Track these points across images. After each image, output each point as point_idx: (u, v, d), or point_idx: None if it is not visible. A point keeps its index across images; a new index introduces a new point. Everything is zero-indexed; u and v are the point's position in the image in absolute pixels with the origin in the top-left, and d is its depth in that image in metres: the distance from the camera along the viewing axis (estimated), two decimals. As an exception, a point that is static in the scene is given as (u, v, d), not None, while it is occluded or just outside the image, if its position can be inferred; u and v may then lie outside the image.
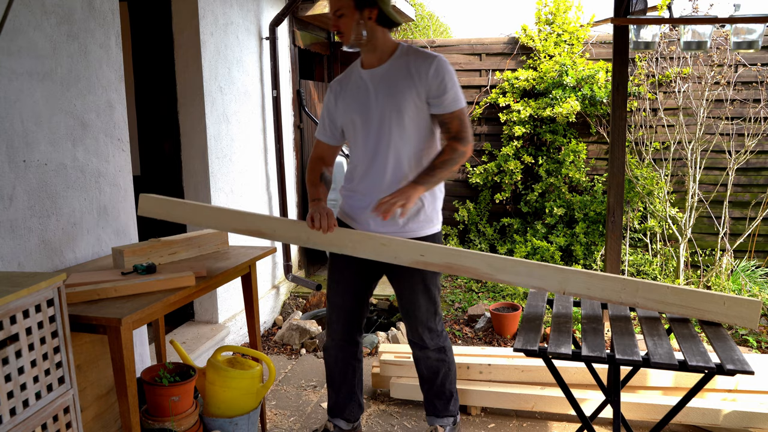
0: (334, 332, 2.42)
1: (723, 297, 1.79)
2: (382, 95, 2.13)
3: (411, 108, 2.11)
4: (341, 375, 2.46)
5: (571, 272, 1.88)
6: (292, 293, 4.49)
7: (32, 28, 2.08)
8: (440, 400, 2.44)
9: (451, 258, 1.97)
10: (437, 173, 2.06)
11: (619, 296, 1.85)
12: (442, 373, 2.40)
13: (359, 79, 2.21)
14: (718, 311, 1.79)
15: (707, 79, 4.36)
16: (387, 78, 2.14)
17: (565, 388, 1.90)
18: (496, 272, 1.93)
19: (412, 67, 2.10)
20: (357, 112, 2.19)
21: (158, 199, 2.26)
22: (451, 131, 2.12)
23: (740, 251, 4.54)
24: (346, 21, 2.08)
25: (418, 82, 2.09)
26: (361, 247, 2.07)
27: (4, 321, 1.40)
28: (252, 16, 3.90)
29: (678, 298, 1.82)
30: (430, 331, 2.33)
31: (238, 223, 2.19)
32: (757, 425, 2.48)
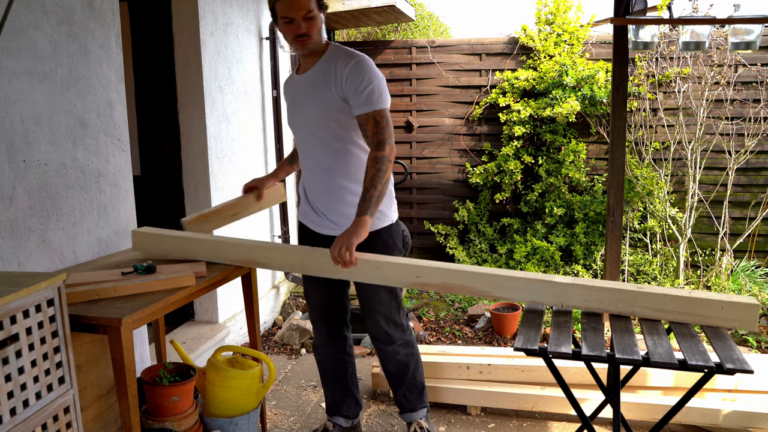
0: (318, 329, 2.45)
1: (721, 302, 1.79)
2: (311, 99, 2.14)
3: (336, 112, 2.10)
4: (333, 371, 2.47)
5: (569, 285, 1.89)
6: (292, 293, 4.49)
7: (32, 28, 2.08)
8: (413, 393, 2.43)
9: (447, 277, 1.97)
10: (373, 193, 2.01)
11: (617, 306, 1.87)
12: (412, 366, 2.40)
13: (295, 85, 2.24)
14: (717, 315, 1.80)
15: (707, 79, 4.36)
16: (314, 80, 2.13)
17: (565, 388, 1.90)
18: (493, 289, 1.94)
19: (332, 66, 2.09)
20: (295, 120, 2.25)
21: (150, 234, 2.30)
22: (368, 134, 2.08)
23: (740, 251, 4.54)
24: (312, 23, 2.05)
25: (335, 80, 2.07)
26: (356, 272, 2.07)
27: (4, 321, 1.40)
28: (252, 16, 3.90)
29: (676, 305, 1.83)
30: (395, 324, 2.32)
31: (232, 254, 2.21)
32: (757, 425, 2.49)
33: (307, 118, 2.17)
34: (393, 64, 5.28)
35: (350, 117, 2.12)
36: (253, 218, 3.94)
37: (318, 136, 2.17)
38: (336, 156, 2.17)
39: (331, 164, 2.18)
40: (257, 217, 4.01)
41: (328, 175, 2.20)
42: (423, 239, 5.32)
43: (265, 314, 4.02)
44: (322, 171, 2.21)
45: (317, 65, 2.14)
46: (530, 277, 1.91)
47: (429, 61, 5.16)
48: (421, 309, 4.13)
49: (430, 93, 5.19)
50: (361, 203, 2.03)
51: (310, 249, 2.17)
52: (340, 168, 2.18)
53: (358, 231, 1.98)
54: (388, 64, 5.30)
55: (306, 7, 2.01)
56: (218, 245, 2.22)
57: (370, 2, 4.46)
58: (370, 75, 2.07)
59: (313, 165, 2.24)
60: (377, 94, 2.07)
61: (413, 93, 5.25)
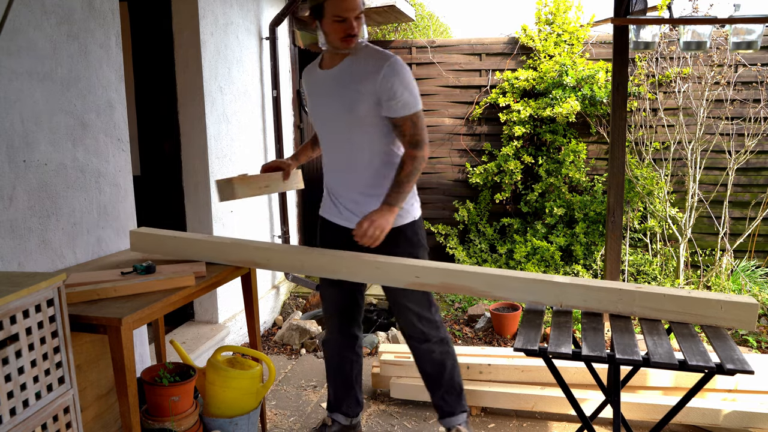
0: (331, 326, 2.44)
1: (720, 301, 1.79)
2: (338, 98, 2.12)
3: (363, 108, 2.08)
4: (338, 368, 2.47)
5: (568, 285, 1.89)
6: (292, 293, 4.49)
7: (32, 28, 2.08)
8: (451, 395, 2.36)
9: (447, 278, 1.97)
10: (405, 187, 2.07)
11: (616, 306, 1.87)
12: (449, 365, 2.33)
13: (318, 79, 2.21)
14: (716, 315, 1.80)
15: (707, 79, 4.36)
16: (341, 79, 2.11)
17: (565, 388, 1.90)
18: (493, 289, 1.93)
19: (364, 66, 2.07)
20: (317, 114, 2.23)
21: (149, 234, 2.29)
22: (405, 134, 2.09)
23: (740, 251, 4.54)
24: (361, 23, 2.05)
25: (368, 81, 2.05)
26: (356, 271, 2.07)
27: (4, 321, 1.40)
28: (252, 16, 3.90)
29: (675, 305, 1.83)
30: (428, 321, 2.29)
31: (232, 254, 2.21)
32: (757, 425, 2.48)
33: (330, 114, 2.16)
34: (393, 64, 5.27)
35: (376, 116, 2.10)
36: (253, 218, 3.94)
37: (340, 133, 2.16)
38: (358, 152, 2.16)
39: (352, 160, 2.17)
40: (257, 217, 4.02)
41: (349, 170, 2.19)
42: (423, 239, 5.31)
43: (265, 314, 4.02)
44: (343, 166, 2.21)
45: (345, 62, 2.11)
46: (530, 277, 1.91)
47: (429, 61, 5.16)
48: (421, 309, 4.13)
49: (430, 93, 5.19)
50: (392, 194, 2.05)
51: (309, 249, 2.17)
52: (361, 164, 2.17)
53: (387, 216, 2.02)
54: (388, 64, 5.29)
55: (359, 7, 2.02)
56: (217, 246, 2.22)
57: (370, 2, 4.46)
58: (407, 78, 2.06)
59: (334, 159, 2.23)
60: (413, 96, 2.08)
61: (413, 93, 5.24)
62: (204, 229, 3.43)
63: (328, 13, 2.02)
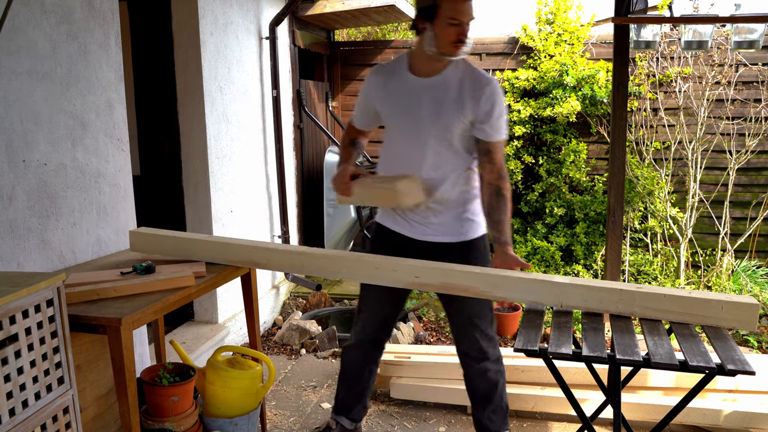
0: (364, 334, 2.35)
1: (720, 302, 1.78)
2: (431, 110, 2.04)
3: (457, 129, 2.03)
4: (357, 376, 2.39)
5: (568, 285, 1.88)
6: (292, 293, 4.49)
7: (32, 28, 2.08)
8: (498, 414, 2.27)
9: (446, 278, 1.96)
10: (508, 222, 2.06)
11: (617, 307, 1.86)
12: (501, 384, 2.27)
13: (408, 84, 2.09)
14: (716, 315, 1.80)
15: (708, 79, 4.36)
16: (438, 92, 2.04)
17: (565, 389, 1.90)
18: (493, 289, 1.93)
19: (465, 84, 2.02)
20: (401, 119, 2.11)
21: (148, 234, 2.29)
22: (495, 163, 2.05)
23: (741, 251, 4.54)
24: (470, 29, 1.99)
25: (468, 101, 2.00)
26: (355, 271, 2.06)
27: (4, 321, 1.40)
28: (252, 15, 3.89)
29: (676, 306, 1.82)
30: (489, 339, 2.21)
31: (231, 255, 2.20)
32: (758, 425, 2.48)
33: (417, 123, 2.08)
34: (393, 63, 5.27)
35: (464, 136, 2.06)
36: (253, 218, 3.94)
37: (423, 144, 2.08)
38: (438, 166, 2.10)
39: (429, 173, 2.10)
40: (257, 217, 4.01)
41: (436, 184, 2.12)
42: (423, 239, 5.31)
43: (265, 314, 4.02)
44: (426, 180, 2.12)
45: (442, 74, 2.05)
46: (530, 278, 1.91)
47: (429, 60, 5.15)
48: (421, 309, 4.13)
49: (430, 93, 5.18)
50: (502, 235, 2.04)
51: (309, 249, 2.16)
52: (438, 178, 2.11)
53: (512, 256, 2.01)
54: (389, 64, 5.29)
55: (473, 12, 1.96)
56: (217, 246, 2.22)
57: (370, 2, 4.46)
58: (503, 102, 2.04)
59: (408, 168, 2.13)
60: (506, 123, 2.06)
61: (413, 93, 5.24)
62: (204, 229, 3.42)
63: (443, 15, 1.93)
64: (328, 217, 4.67)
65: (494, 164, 2.06)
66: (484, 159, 2.07)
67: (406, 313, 4.06)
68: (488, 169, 2.07)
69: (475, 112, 2.01)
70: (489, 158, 2.06)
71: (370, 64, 5.32)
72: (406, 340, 3.61)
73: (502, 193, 2.04)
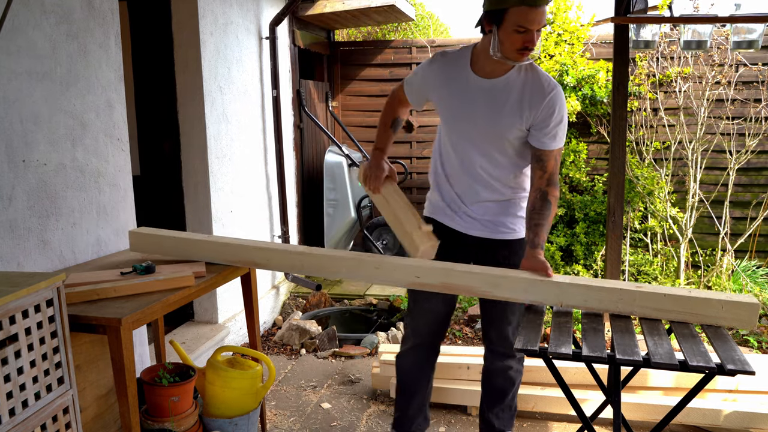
0: (419, 338, 2.29)
1: (720, 301, 1.78)
2: (489, 114, 2.01)
3: (514, 134, 2.01)
4: (416, 384, 2.32)
5: (568, 285, 1.88)
6: (291, 293, 4.49)
7: (31, 28, 2.08)
8: (506, 413, 2.31)
9: (447, 278, 1.95)
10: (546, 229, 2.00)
11: (617, 306, 1.86)
12: (517, 384, 2.30)
13: (469, 84, 2.04)
14: (717, 315, 1.80)
15: (708, 79, 4.36)
16: (498, 95, 2.00)
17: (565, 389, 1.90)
18: (493, 289, 1.92)
19: (527, 90, 1.98)
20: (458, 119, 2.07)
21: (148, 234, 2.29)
22: (546, 170, 2.01)
23: (741, 251, 4.54)
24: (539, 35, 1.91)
25: (527, 108, 1.97)
26: (355, 271, 2.06)
27: (4, 321, 1.40)
28: (252, 15, 3.89)
29: (676, 305, 1.82)
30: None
31: (231, 255, 2.20)
32: (758, 425, 2.48)
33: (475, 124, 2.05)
34: (393, 63, 5.28)
35: (518, 139, 2.03)
36: (253, 218, 3.94)
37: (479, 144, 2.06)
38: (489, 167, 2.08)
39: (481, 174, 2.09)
40: (257, 217, 4.01)
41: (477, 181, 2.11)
42: (423, 239, 5.31)
43: (264, 314, 4.02)
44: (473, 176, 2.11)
45: (506, 77, 2.00)
46: (530, 277, 1.91)
47: (429, 60, 5.15)
48: (422, 309, 4.13)
49: (430, 93, 5.18)
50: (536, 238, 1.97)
51: (309, 249, 2.16)
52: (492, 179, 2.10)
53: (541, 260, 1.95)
54: (388, 64, 5.29)
55: (543, 19, 1.88)
56: (217, 246, 2.22)
57: (370, 2, 4.46)
58: (564, 110, 1.99)
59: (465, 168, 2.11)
60: (564, 132, 2.01)
61: (413, 93, 5.24)
62: (204, 229, 3.42)
63: (510, 21, 1.86)
64: (328, 217, 4.67)
65: (545, 171, 2.01)
66: (536, 165, 2.03)
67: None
68: (539, 174, 2.02)
69: (533, 118, 1.97)
70: (540, 165, 2.02)
71: (370, 64, 5.32)
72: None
73: (547, 199, 1.99)
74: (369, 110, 5.37)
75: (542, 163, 2.01)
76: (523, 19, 1.84)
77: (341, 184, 4.63)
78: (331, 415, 2.85)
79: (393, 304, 4.21)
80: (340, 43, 5.52)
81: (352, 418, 2.82)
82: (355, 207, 4.65)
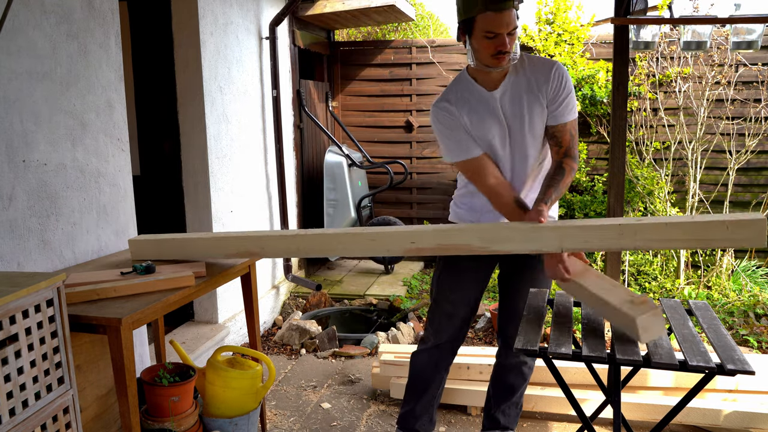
0: (439, 339, 2.27)
1: (725, 221, 1.70)
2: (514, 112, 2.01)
3: (538, 119, 2.01)
4: (427, 383, 2.32)
5: (567, 228, 1.82)
6: (292, 293, 4.49)
7: (32, 28, 2.08)
8: (512, 410, 2.34)
9: (441, 239, 1.92)
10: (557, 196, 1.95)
11: (619, 243, 1.79)
12: (526, 383, 2.33)
13: (485, 99, 2.02)
14: (723, 237, 1.71)
15: (708, 79, 4.36)
16: (512, 94, 2.00)
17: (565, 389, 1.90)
18: (490, 244, 1.87)
19: (531, 77, 1.99)
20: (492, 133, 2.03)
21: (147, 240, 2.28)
22: (562, 145, 2.00)
23: (741, 251, 4.54)
24: (514, 38, 1.90)
25: (538, 92, 1.98)
26: (351, 246, 2.05)
27: (4, 321, 1.40)
28: (252, 15, 3.90)
29: (680, 233, 1.73)
30: None
31: (227, 248, 2.19)
32: (758, 425, 2.48)
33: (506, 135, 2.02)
34: (393, 63, 5.28)
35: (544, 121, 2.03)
36: (253, 218, 3.94)
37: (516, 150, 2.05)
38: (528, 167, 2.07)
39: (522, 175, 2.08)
40: (257, 217, 4.02)
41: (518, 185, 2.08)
42: (423, 239, 5.31)
43: (265, 314, 4.02)
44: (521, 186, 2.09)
45: (508, 80, 2.00)
46: (527, 227, 1.85)
47: (429, 60, 5.16)
48: (421, 309, 4.13)
49: (430, 93, 5.19)
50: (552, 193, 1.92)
51: (301, 232, 2.15)
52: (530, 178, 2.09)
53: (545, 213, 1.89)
54: (388, 64, 5.29)
55: (512, 22, 1.86)
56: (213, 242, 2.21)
57: (370, 2, 4.46)
58: (569, 82, 1.99)
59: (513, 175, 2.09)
60: (574, 102, 2.01)
61: (413, 93, 5.25)
62: (204, 229, 3.42)
63: (479, 29, 1.87)
64: (328, 217, 4.67)
65: (561, 146, 2.01)
66: (552, 143, 2.03)
67: (406, 313, 4.06)
68: (555, 150, 2.02)
69: (548, 97, 1.98)
70: (556, 141, 2.02)
71: (370, 64, 5.32)
72: (406, 340, 3.62)
73: (561, 167, 1.98)
74: (369, 110, 5.38)
75: (557, 139, 2.01)
76: (489, 25, 1.84)
77: (341, 184, 4.63)
78: (331, 415, 2.85)
79: (393, 304, 4.21)
80: (340, 43, 5.52)
81: (352, 418, 2.82)
82: (355, 207, 4.65)
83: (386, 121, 5.34)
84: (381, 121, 5.36)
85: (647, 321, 1.70)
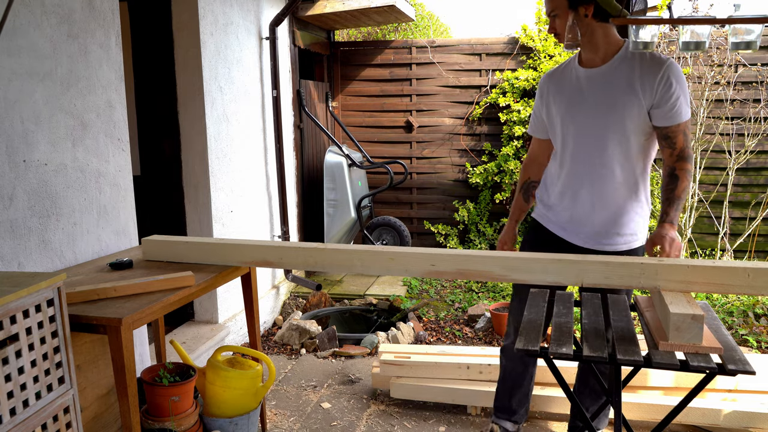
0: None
1: (747, 269, 1.72)
2: (601, 103, 1.99)
3: (634, 122, 1.96)
4: (520, 378, 2.35)
5: (587, 263, 1.83)
6: (292, 293, 4.49)
7: (32, 28, 2.08)
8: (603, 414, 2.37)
9: (462, 264, 1.92)
10: (682, 204, 1.93)
11: (639, 282, 1.80)
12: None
13: (574, 78, 2.06)
14: (744, 284, 1.73)
15: (707, 79, 4.36)
16: (607, 83, 1.99)
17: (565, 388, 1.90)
18: (510, 272, 1.88)
19: (637, 71, 1.96)
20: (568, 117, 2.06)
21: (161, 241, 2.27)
22: (676, 146, 1.95)
23: (740, 251, 4.54)
24: (561, 22, 1.98)
25: (641, 90, 1.94)
26: (370, 264, 2.04)
27: (4, 321, 1.40)
28: (252, 16, 3.90)
29: (700, 276, 1.75)
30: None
31: (244, 255, 2.18)
32: (758, 425, 2.48)
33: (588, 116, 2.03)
34: (393, 64, 5.28)
35: (641, 125, 1.99)
36: (253, 218, 3.94)
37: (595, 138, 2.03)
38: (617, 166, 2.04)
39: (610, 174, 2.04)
40: (257, 216, 4.02)
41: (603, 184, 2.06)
42: (423, 239, 5.32)
43: (265, 314, 4.02)
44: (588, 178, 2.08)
45: (611, 63, 2.00)
46: (547, 258, 1.86)
47: (429, 61, 5.16)
48: (421, 309, 4.13)
49: (430, 93, 5.19)
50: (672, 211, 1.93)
51: (322, 245, 2.13)
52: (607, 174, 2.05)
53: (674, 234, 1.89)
54: (388, 64, 5.30)
55: (549, 6, 2.01)
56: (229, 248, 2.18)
57: (370, 2, 4.46)
58: (681, 82, 1.95)
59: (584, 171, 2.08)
60: (688, 103, 1.97)
61: (413, 93, 5.25)
62: (204, 229, 3.43)
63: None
64: (328, 216, 4.67)
65: (674, 148, 1.97)
66: (664, 144, 1.99)
67: (406, 313, 4.07)
68: (668, 153, 1.98)
69: (655, 95, 1.94)
70: (669, 143, 1.98)
71: (370, 65, 5.33)
72: (406, 340, 3.62)
73: (674, 174, 1.96)
74: (369, 110, 5.38)
75: (670, 140, 1.97)
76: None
77: (341, 184, 4.63)
78: (331, 414, 2.86)
79: (393, 304, 4.21)
80: (340, 43, 5.52)
81: (352, 417, 2.82)
82: (355, 207, 4.65)
83: (386, 121, 5.35)
84: (381, 121, 5.36)
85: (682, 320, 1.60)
